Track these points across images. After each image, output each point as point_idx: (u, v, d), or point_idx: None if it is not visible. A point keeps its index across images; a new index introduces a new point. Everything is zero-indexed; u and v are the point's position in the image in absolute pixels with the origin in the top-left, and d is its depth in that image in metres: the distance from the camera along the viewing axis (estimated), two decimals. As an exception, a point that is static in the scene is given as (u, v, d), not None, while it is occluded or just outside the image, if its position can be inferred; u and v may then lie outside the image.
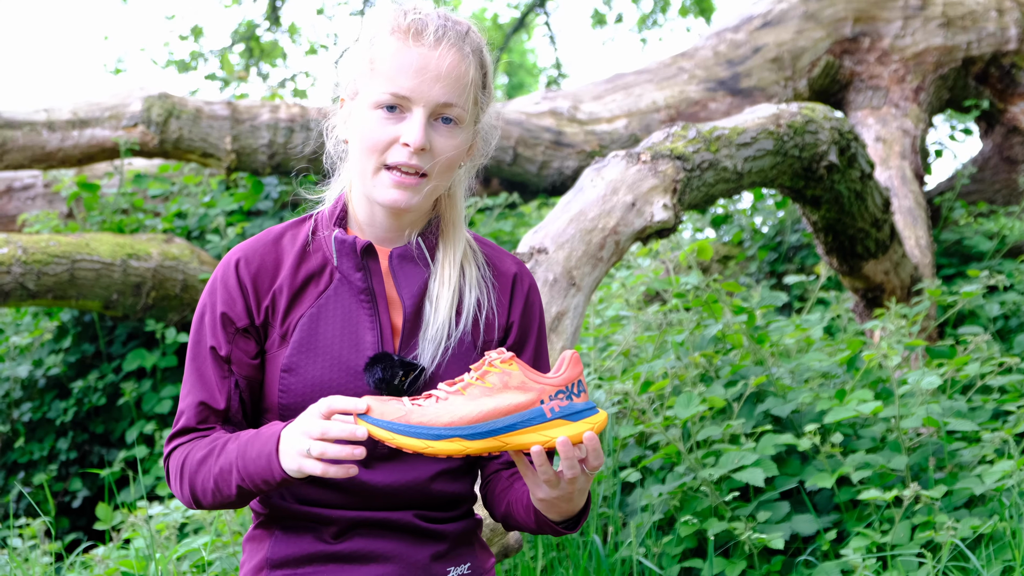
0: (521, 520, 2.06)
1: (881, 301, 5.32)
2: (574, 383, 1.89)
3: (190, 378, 2.07)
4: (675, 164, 3.93)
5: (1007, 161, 7.60)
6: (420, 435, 1.84)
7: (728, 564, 3.65)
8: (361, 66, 2.04)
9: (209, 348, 2.05)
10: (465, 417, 1.84)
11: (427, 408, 1.85)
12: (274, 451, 1.91)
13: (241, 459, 1.95)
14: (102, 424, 5.96)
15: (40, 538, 4.38)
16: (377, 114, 2.01)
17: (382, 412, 1.85)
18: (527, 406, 1.87)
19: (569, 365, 1.89)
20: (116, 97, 6.32)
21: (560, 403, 1.87)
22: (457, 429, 1.84)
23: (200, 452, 2.01)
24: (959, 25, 7.50)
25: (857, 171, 4.69)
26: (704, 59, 7.38)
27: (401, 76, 1.99)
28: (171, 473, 2.05)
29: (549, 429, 1.87)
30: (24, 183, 7.07)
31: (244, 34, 14.83)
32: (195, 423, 2.05)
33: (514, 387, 1.86)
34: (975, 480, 3.69)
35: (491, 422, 1.85)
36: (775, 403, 3.99)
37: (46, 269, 5.41)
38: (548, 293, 3.58)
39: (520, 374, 1.87)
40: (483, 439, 1.85)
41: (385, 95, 2.00)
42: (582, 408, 1.89)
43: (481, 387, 1.87)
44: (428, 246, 2.10)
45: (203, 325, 2.06)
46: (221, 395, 2.05)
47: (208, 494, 2.00)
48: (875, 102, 7.29)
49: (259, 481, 1.93)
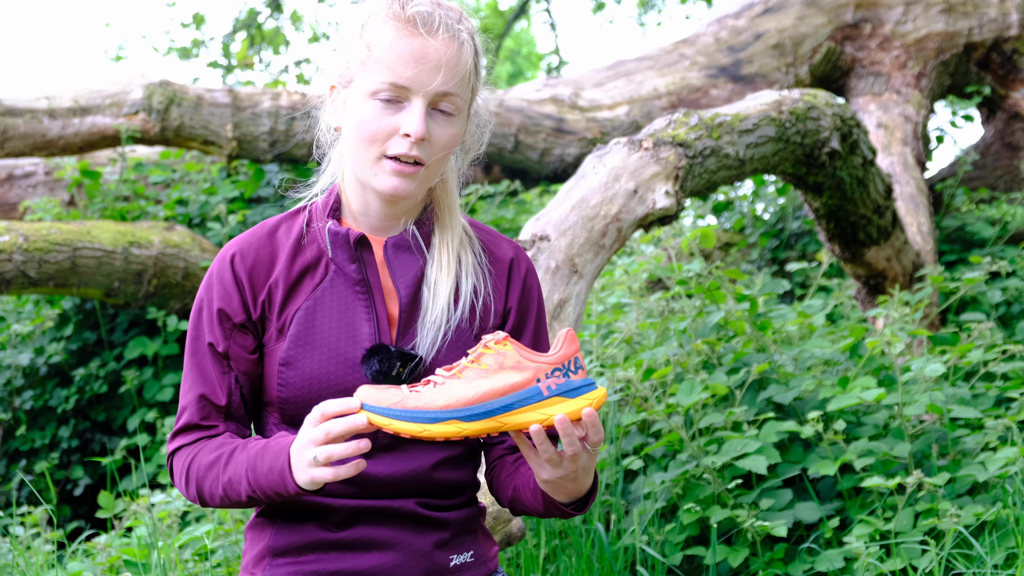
0: (529, 504, 2.05)
1: (883, 288, 5.31)
2: (571, 360, 1.87)
3: (190, 374, 2.06)
4: (677, 151, 3.91)
5: (1009, 147, 7.57)
6: (417, 419, 1.83)
7: (731, 551, 3.64)
8: (355, 53, 2.01)
9: (207, 344, 2.04)
10: (461, 399, 1.83)
11: (424, 393, 1.84)
12: (287, 466, 1.90)
13: (252, 472, 1.95)
14: (104, 412, 5.95)
15: (42, 526, 4.37)
16: (375, 104, 1.98)
17: (379, 399, 1.84)
18: (523, 385, 1.85)
19: (565, 342, 1.88)
20: (117, 84, 6.30)
21: (557, 380, 1.86)
22: (453, 411, 1.83)
23: (207, 457, 2.00)
24: (960, 11, 7.47)
25: (859, 158, 4.67)
26: (705, 45, 7.35)
27: (399, 65, 1.96)
28: (176, 473, 2.06)
29: (547, 407, 1.85)
30: (25, 171, 7.05)
31: (246, 21, 14.79)
32: (198, 419, 2.04)
33: (509, 367, 1.85)
34: (978, 467, 3.67)
35: (487, 403, 1.84)
36: (778, 390, 3.97)
37: (47, 257, 5.39)
38: (550, 280, 3.56)
39: (515, 353, 1.86)
40: (480, 420, 1.84)
41: (384, 84, 1.97)
42: (580, 384, 1.87)
43: (477, 369, 1.85)
44: (423, 234, 2.08)
45: (201, 321, 2.05)
46: (222, 391, 2.04)
47: (216, 499, 2.01)
48: (876, 88, 7.27)
49: (272, 494, 1.94)
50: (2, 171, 7.04)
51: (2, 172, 7.04)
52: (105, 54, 15.95)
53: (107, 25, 22.54)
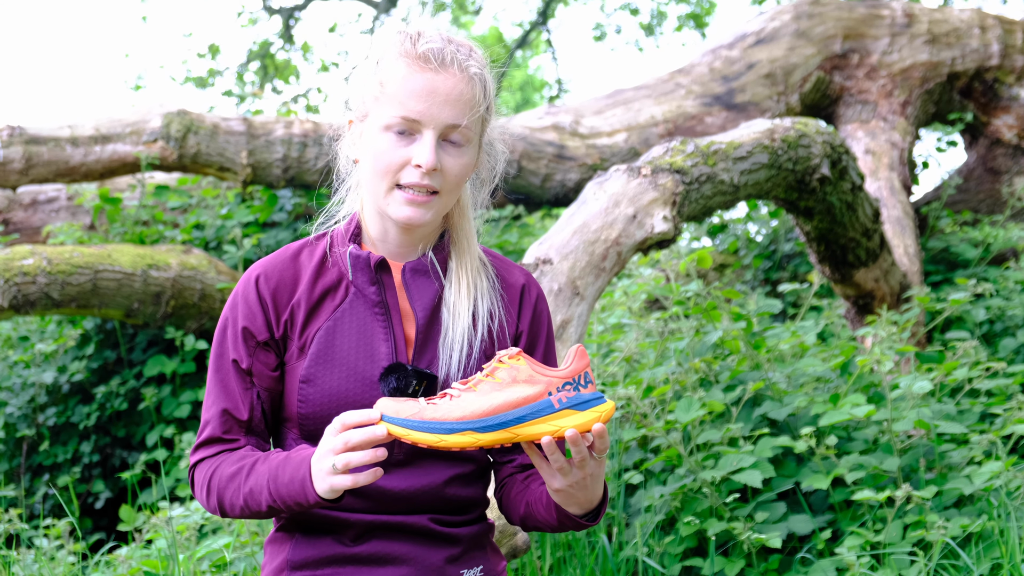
0: (543, 519, 2.05)
1: (872, 307, 5.31)
2: (580, 375, 1.88)
3: (214, 389, 2.07)
4: (674, 178, 3.92)
5: (990, 172, 7.59)
6: (434, 430, 1.84)
7: (728, 562, 3.63)
8: (370, 89, 2.03)
9: (231, 361, 2.05)
10: (476, 411, 1.84)
11: (440, 405, 1.86)
12: (307, 476, 1.91)
13: (273, 482, 1.95)
14: (124, 428, 5.95)
15: (65, 538, 4.37)
16: (388, 136, 2.00)
17: (397, 411, 1.85)
18: (536, 398, 1.86)
19: (575, 358, 1.89)
20: (137, 113, 6.31)
21: (568, 394, 1.87)
22: (469, 423, 1.84)
23: (229, 468, 2.01)
24: (944, 42, 7.49)
25: (848, 183, 4.68)
26: (700, 75, 7.37)
27: (411, 100, 1.98)
28: (197, 485, 2.06)
29: (558, 419, 1.87)
30: (48, 196, 7.07)
31: (259, 52, 14.84)
32: (220, 432, 2.05)
33: (522, 381, 1.86)
34: (964, 481, 3.68)
35: (501, 415, 1.85)
36: (772, 407, 3.98)
37: (70, 279, 5.40)
38: (553, 302, 3.57)
39: (527, 368, 1.87)
40: (494, 431, 1.85)
41: (396, 118, 1.99)
42: (590, 398, 1.88)
43: (491, 383, 1.87)
44: (440, 259, 2.10)
45: (225, 338, 2.06)
46: (244, 406, 2.05)
47: (236, 509, 2.01)
48: (864, 116, 7.29)
49: (292, 504, 1.94)
50: (26, 197, 7.05)
51: (26, 198, 7.05)
52: (125, 84, 16.01)
53: (127, 56, 22.61)
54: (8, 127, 6.06)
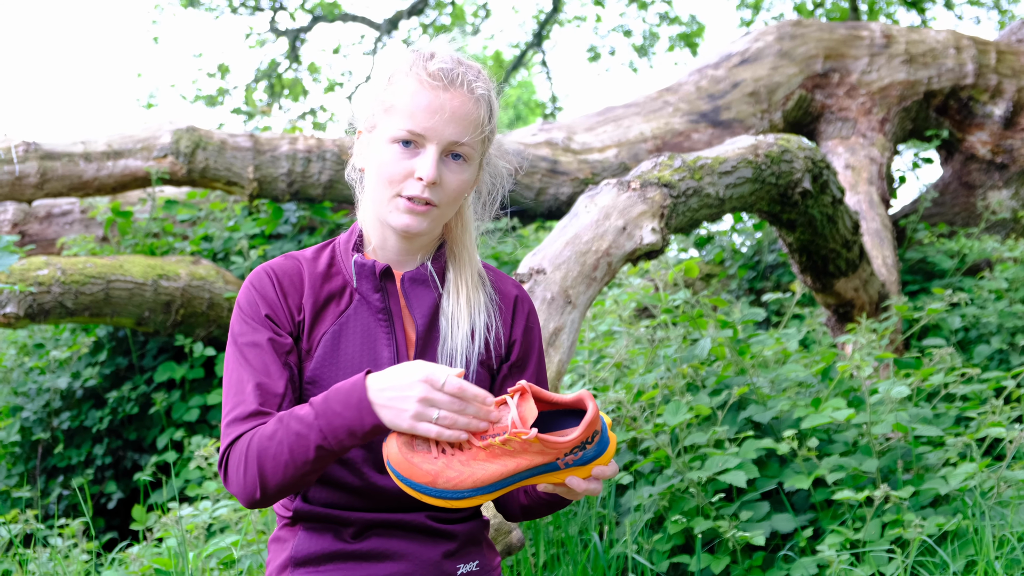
0: (546, 497, 2.07)
1: (852, 316, 5.32)
2: (588, 439, 1.89)
3: (243, 371, 1.98)
4: (662, 191, 3.93)
5: (965, 186, 7.60)
6: (447, 497, 1.86)
7: (713, 559, 3.64)
8: (380, 102, 2.05)
9: (267, 339, 1.99)
10: (487, 479, 1.86)
11: (453, 467, 1.85)
12: (365, 398, 1.86)
13: (323, 416, 1.87)
14: (135, 431, 5.95)
15: (79, 537, 4.36)
16: (394, 148, 2.02)
17: (411, 473, 1.84)
18: (543, 463, 1.89)
19: (583, 426, 1.86)
20: (147, 130, 6.32)
21: (574, 457, 1.89)
22: (480, 489, 1.86)
23: (268, 429, 1.91)
24: (920, 61, 7.51)
25: (829, 196, 4.69)
26: (687, 93, 7.39)
27: (419, 114, 2.00)
28: (233, 463, 1.94)
29: (562, 474, 1.90)
30: (63, 209, 7.07)
31: (267, 72, 14.85)
32: (257, 405, 1.95)
33: (534, 452, 1.87)
34: (940, 481, 3.68)
35: (510, 477, 1.88)
36: (756, 410, 3.98)
37: (83, 289, 5.40)
38: (546, 310, 3.57)
39: (540, 445, 1.87)
40: (501, 489, 1.88)
41: (402, 131, 2.01)
42: (593, 455, 1.90)
43: (503, 450, 1.87)
44: (437, 269, 2.11)
45: (246, 327, 2.01)
46: (280, 380, 1.98)
47: (280, 466, 1.89)
48: (844, 132, 7.30)
49: (344, 434, 1.86)
50: (41, 210, 7.05)
51: (41, 211, 7.05)
52: (137, 102, 16.01)
53: (139, 75, 22.62)
54: (24, 143, 6.06)
